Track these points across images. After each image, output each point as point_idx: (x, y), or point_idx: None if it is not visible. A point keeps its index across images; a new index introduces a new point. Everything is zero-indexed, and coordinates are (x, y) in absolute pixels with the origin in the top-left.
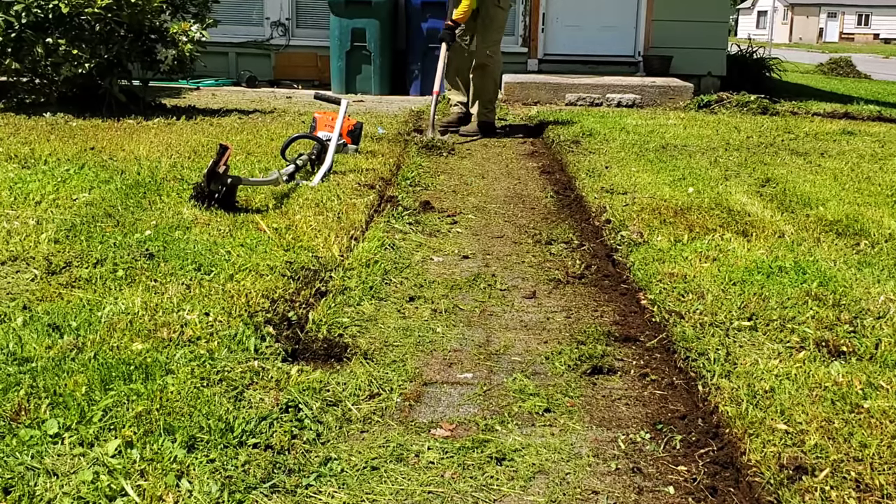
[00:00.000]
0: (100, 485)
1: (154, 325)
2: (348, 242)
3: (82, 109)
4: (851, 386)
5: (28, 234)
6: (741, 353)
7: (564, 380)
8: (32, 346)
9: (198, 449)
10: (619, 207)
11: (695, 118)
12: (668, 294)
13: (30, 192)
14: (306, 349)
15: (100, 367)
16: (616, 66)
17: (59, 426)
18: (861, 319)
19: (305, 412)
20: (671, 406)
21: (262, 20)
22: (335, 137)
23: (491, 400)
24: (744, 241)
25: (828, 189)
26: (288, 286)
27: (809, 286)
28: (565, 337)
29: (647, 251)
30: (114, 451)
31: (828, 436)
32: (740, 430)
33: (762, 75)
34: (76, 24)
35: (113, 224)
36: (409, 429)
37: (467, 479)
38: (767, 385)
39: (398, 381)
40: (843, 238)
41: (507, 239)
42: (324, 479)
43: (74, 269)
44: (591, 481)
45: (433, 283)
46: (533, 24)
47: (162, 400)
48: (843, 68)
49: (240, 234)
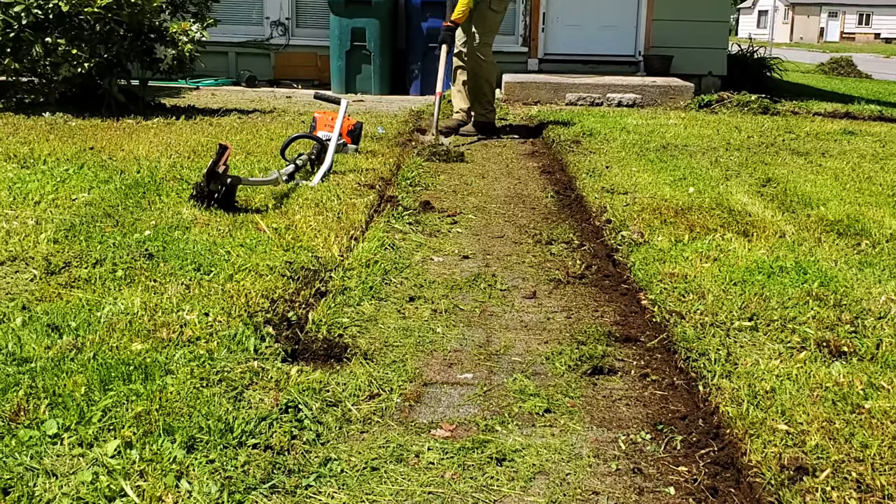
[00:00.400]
0: (99, 485)
1: (153, 325)
2: (348, 242)
3: (81, 109)
4: (852, 386)
5: (27, 234)
6: (742, 353)
7: (565, 380)
8: (31, 346)
9: (197, 449)
10: (619, 207)
11: (695, 118)
12: (668, 294)
13: (29, 192)
14: (306, 349)
15: (99, 367)
16: (616, 66)
17: (59, 426)
18: (862, 320)
19: (305, 412)
20: (672, 406)
21: (261, 20)
22: (335, 137)
23: (491, 400)
24: (744, 241)
25: (829, 189)
26: (288, 286)
27: (810, 286)
28: (566, 337)
29: (647, 251)
30: (113, 451)
31: (829, 436)
32: (741, 431)
33: (763, 75)
34: (75, 23)
35: (112, 224)
36: (409, 429)
37: (467, 480)
38: (768, 385)
39: (398, 382)
40: (844, 238)
41: (508, 239)
42: (323, 480)
43: (73, 270)
44: (592, 482)
45: (433, 284)
46: (533, 24)
47: (161, 400)
48: (844, 68)
49: (239, 234)
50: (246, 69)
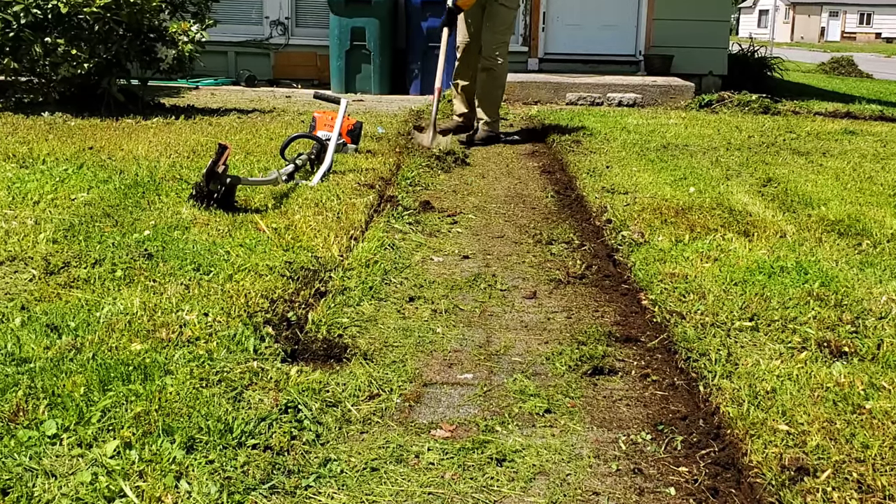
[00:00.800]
0: (98, 486)
1: (153, 325)
2: (348, 242)
3: (81, 109)
4: (853, 386)
5: (26, 234)
6: (742, 353)
7: (565, 380)
8: (31, 346)
9: (197, 450)
10: (619, 207)
11: (696, 118)
12: (669, 294)
13: (28, 192)
14: (306, 350)
15: (98, 367)
16: (617, 66)
17: (58, 427)
18: (863, 320)
19: (305, 413)
20: (672, 407)
21: (261, 19)
22: (335, 137)
23: (491, 401)
24: (745, 241)
25: (830, 189)
26: (287, 286)
27: (811, 286)
28: (566, 337)
29: (648, 251)
30: (112, 451)
31: (830, 437)
32: (742, 431)
33: (763, 74)
34: (75, 23)
35: (111, 224)
36: (409, 430)
37: (467, 480)
38: (769, 386)
39: (398, 382)
40: (844, 238)
41: (508, 239)
42: (323, 481)
43: (73, 270)
44: (592, 482)
45: (433, 284)
46: (533, 23)
47: (161, 401)
48: (845, 67)
49: (239, 234)
50: (245, 69)
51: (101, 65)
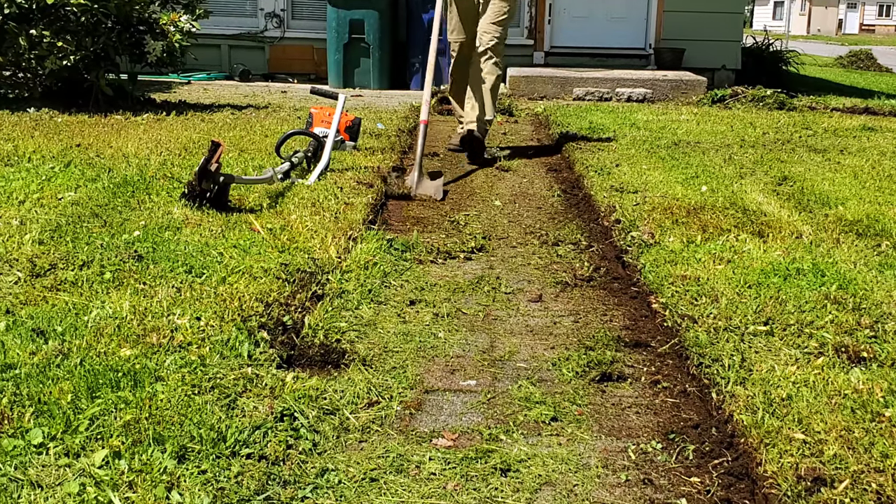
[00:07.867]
0: (86, 497)
1: (143, 330)
2: (346, 243)
3: (68, 104)
4: (872, 393)
5: (11, 234)
6: (757, 359)
7: (572, 387)
8: (16, 351)
9: (189, 460)
10: (629, 207)
11: (708, 113)
12: (680, 297)
13: (13, 191)
14: (302, 355)
15: (86, 373)
16: (626, 60)
17: (44, 435)
18: (882, 324)
19: (301, 421)
20: (684, 415)
21: (255, 11)
22: (332, 134)
23: (495, 408)
24: (760, 241)
25: (847, 188)
26: (283, 289)
27: (828, 289)
28: (573, 342)
29: (658, 252)
30: (101, 461)
31: (847, 446)
32: (756, 440)
33: (779, 69)
34: (61, 14)
35: (100, 224)
36: (410, 438)
37: (470, 491)
38: (784, 392)
39: (398, 389)
40: (863, 239)
41: (512, 240)
42: (320, 491)
43: (60, 272)
44: (600, 493)
45: (434, 286)
46: (539, 15)
47: (151, 408)
48: (864, 61)
49: (233, 235)
50: (239, 63)
51: (89, 58)
